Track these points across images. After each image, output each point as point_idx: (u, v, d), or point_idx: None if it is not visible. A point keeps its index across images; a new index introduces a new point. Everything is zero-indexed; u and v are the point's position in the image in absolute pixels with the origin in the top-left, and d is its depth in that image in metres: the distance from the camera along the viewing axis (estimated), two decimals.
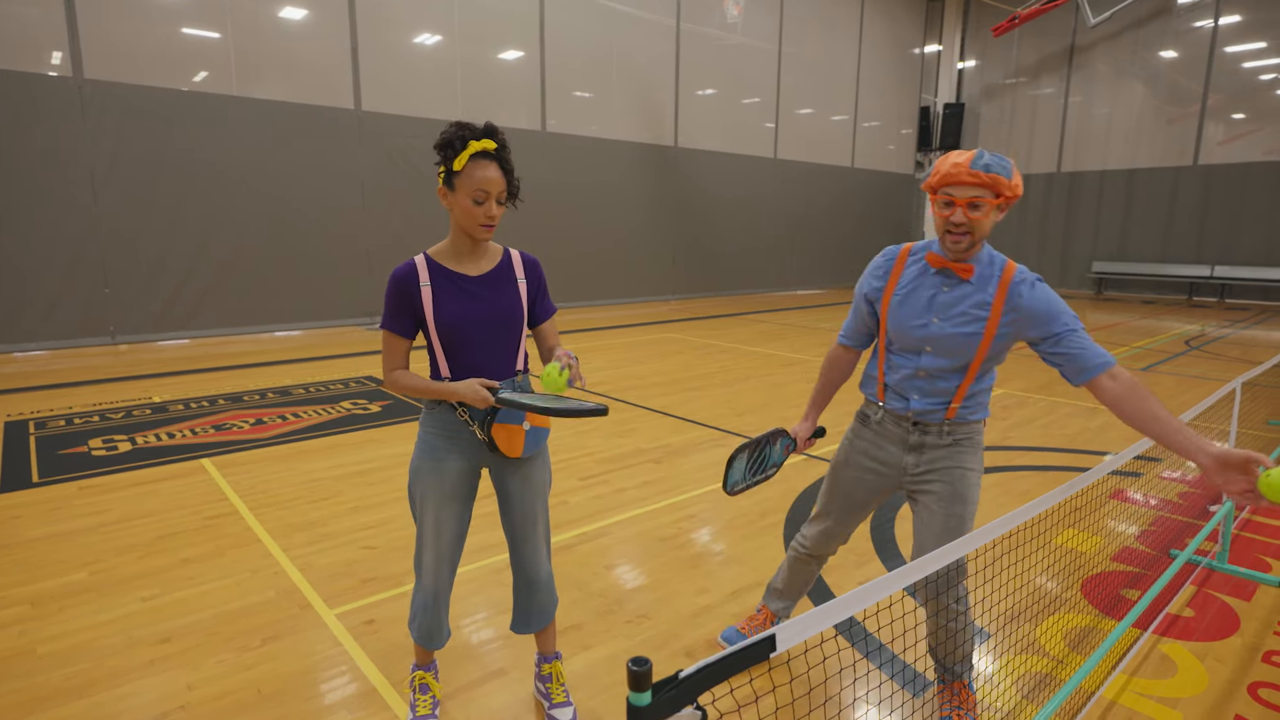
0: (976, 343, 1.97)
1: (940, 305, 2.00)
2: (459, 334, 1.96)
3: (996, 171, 1.84)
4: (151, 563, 3.23)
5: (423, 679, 2.24)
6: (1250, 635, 2.75)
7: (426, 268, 1.96)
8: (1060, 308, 1.92)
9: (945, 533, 2.08)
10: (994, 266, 1.98)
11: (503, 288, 2.02)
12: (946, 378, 2.03)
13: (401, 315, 1.96)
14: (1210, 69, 15.97)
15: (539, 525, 2.16)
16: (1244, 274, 15.64)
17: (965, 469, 2.08)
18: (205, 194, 9.18)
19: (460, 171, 1.87)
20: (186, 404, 6.08)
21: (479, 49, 11.51)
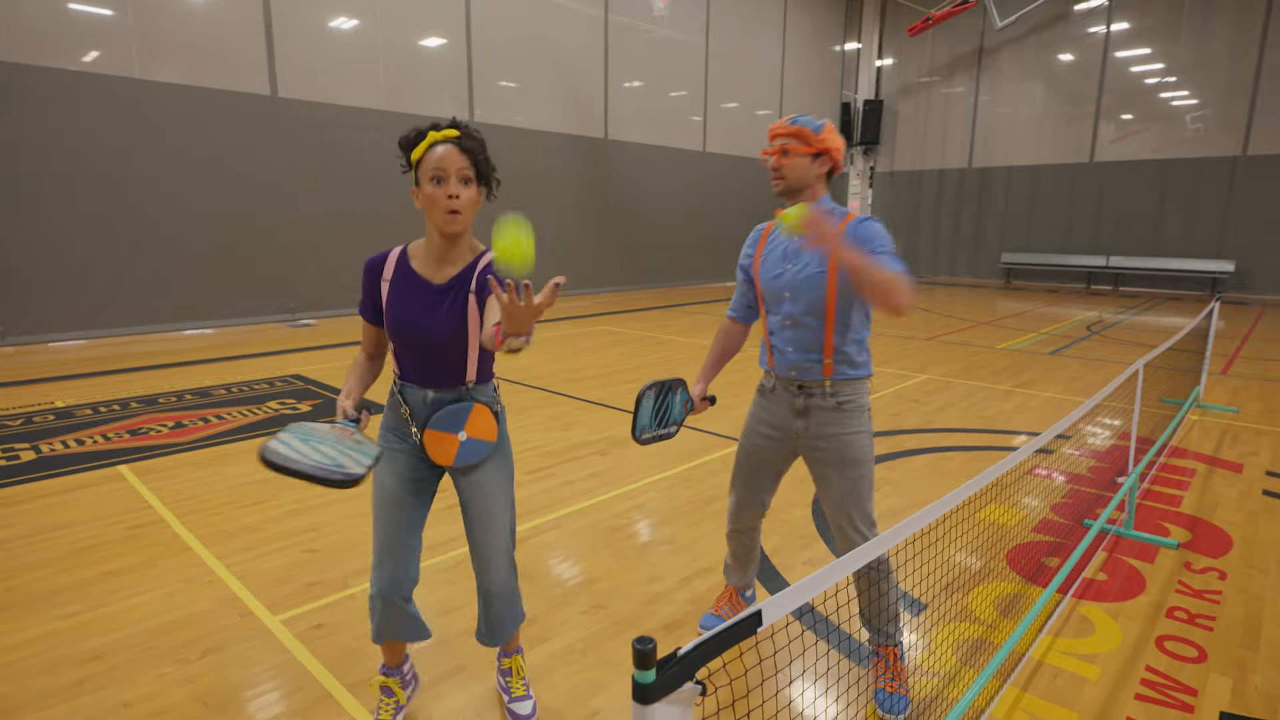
0: (823, 280, 2.14)
1: (790, 254, 2.22)
2: (405, 340, 1.91)
3: (803, 124, 2.15)
4: (70, 577, 3.03)
5: (384, 682, 2.16)
6: (1155, 594, 3.00)
7: (395, 264, 1.92)
8: (883, 237, 2.09)
9: (844, 496, 2.25)
10: (836, 214, 2.18)
11: (453, 300, 1.89)
12: (808, 322, 2.19)
13: (367, 303, 1.96)
14: (1104, 72, 17.11)
15: (491, 534, 2.05)
16: (1135, 263, 16.88)
17: (852, 433, 2.23)
18: (104, 183, 8.57)
19: (419, 160, 1.83)
20: (95, 408, 5.69)
21: (402, 34, 11.17)
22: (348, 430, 1.79)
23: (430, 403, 1.94)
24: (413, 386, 1.96)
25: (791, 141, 2.15)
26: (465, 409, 1.93)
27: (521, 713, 2.18)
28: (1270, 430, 5.43)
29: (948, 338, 9.78)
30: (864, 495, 2.25)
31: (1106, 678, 2.44)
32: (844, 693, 2.36)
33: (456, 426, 1.92)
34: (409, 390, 1.97)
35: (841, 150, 2.19)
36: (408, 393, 1.97)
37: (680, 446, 4.89)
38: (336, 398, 1.90)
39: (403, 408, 1.97)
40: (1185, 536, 3.55)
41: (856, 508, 2.24)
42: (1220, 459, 4.75)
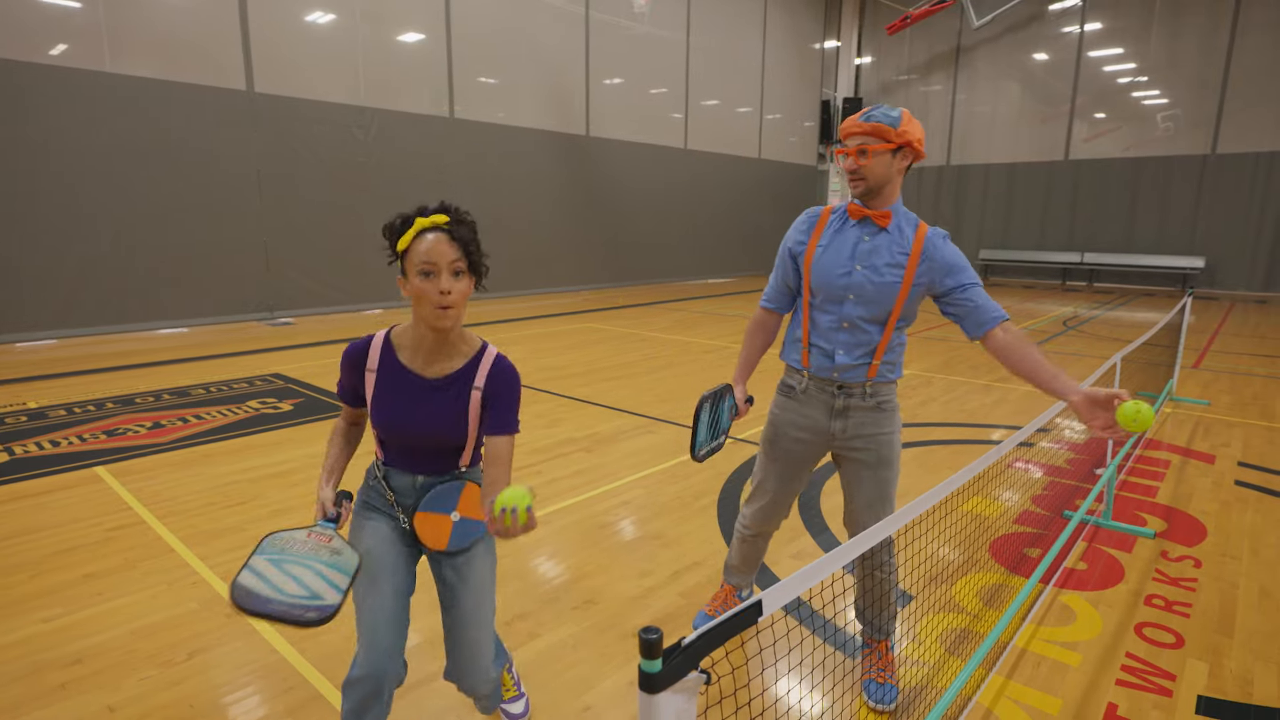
0: (896, 290, 2.07)
1: (862, 253, 2.10)
2: (392, 434, 1.77)
3: (878, 119, 2.01)
4: (49, 580, 2.98)
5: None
6: (1134, 582, 3.07)
7: (379, 354, 1.76)
8: (966, 263, 2.09)
9: (877, 498, 2.23)
10: (910, 220, 2.12)
11: (451, 400, 1.75)
12: (868, 329, 2.11)
13: (348, 388, 1.82)
14: (1078, 72, 17.38)
15: (476, 628, 1.83)
16: (1108, 260, 17.18)
17: (889, 434, 2.21)
18: (74, 179, 8.38)
19: (406, 250, 1.65)
20: (69, 409, 5.59)
21: (381, 29, 11.05)
22: (325, 536, 1.66)
23: (419, 487, 1.81)
24: (399, 473, 1.82)
25: (870, 140, 2.01)
26: (457, 488, 1.79)
27: (514, 712, 2.17)
28: (1240, 422, 5.57)
29: (928, 333, 9.90)
30: (893, 497, 2.26)
31: (1088, 664, 2.49)
32: (838, 682, 2.39)
33: (449, 506, 1.79)
34: (394, 474, 1.82)
35: (923, 139, 2.08)
36: (393, 477, 1.82)
37: (665, 442, 4.91)
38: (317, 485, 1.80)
39: (387, 492, 1.82)
40: (1161, 526, 3.63)
41: (887, 509, 2.25)
42: (1193, 450, 4.86)
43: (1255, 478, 4.35)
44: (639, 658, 0.82)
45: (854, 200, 2.15)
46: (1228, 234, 15.80)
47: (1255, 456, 4.74)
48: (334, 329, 9.60)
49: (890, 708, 2.25)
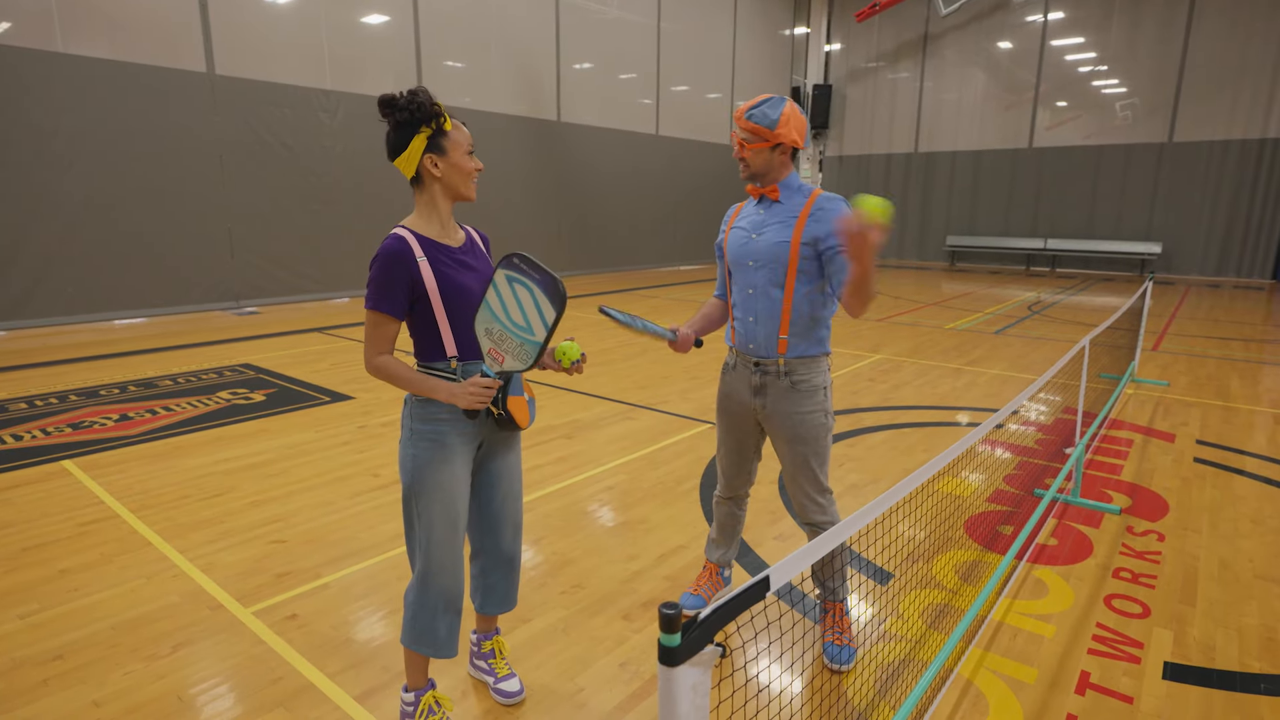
0: (787, 250, 2.22)
1: (757, 223, 2.31)
2: (466, 305, 1.88)
3: (756, 121, 2.20)
4: (22, 577, 2.91)
5: (433, 699, 2.05)
6: (1102, 556, 3.19)
7: (416, 242, 1.85)
8: None
9: (799, 472, 2.38)
10: (803, 191, 2.27)
11: (482, 259, 2.02)
12: (772, 292, 2.26)
13: (397, 293, 1.82)
14: (1041, 60, 17.69)
15: (517, 502, 2.13)
16: (1070, 246, 17.60)
17: (805, 414, 2.32)
18: (24, 165, 8.07)
19: (451, 130, 1.86)
20: (30, 402, 5.42)
21: (346, 10, 10.80)
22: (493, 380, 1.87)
23: (489, 373, 1.86)
24: (474, 362, 1.92)
25: (750, 138, 2.23)
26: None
27: (510, 689, 2.20)
28: (1198, 402, 5.78)
29: (898, 319, 10.06)
30: (815, 468, 2.37)
31: (1061, 635, 2.59)
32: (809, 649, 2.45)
33: (521, 388, 1.95)
34: (471, 367, 1.91)
35: (802, 132, 2.22)
36: (470, 371, 1.91)
37: (645, 429, 4.94)
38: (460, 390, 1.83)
39: None
40: (1126, 502, 3.77)
41: (808, 479, 2.38)
42: (1154, 430, 5.04)
43: (1212, 455, 4.53)
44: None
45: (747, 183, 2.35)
46: (1183, 220, 16.29)
47: (1212, 435, 4.93)
48: (302, 318, 9.42)
49: (848, 667, 2.37)
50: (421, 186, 1.90)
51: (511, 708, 2.18)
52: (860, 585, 2.96)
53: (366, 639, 2.51)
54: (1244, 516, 3.61)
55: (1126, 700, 2.25)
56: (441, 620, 1.96)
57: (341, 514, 3.53)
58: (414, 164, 1.85)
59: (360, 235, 10.90)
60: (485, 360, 1.86)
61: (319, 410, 5.31)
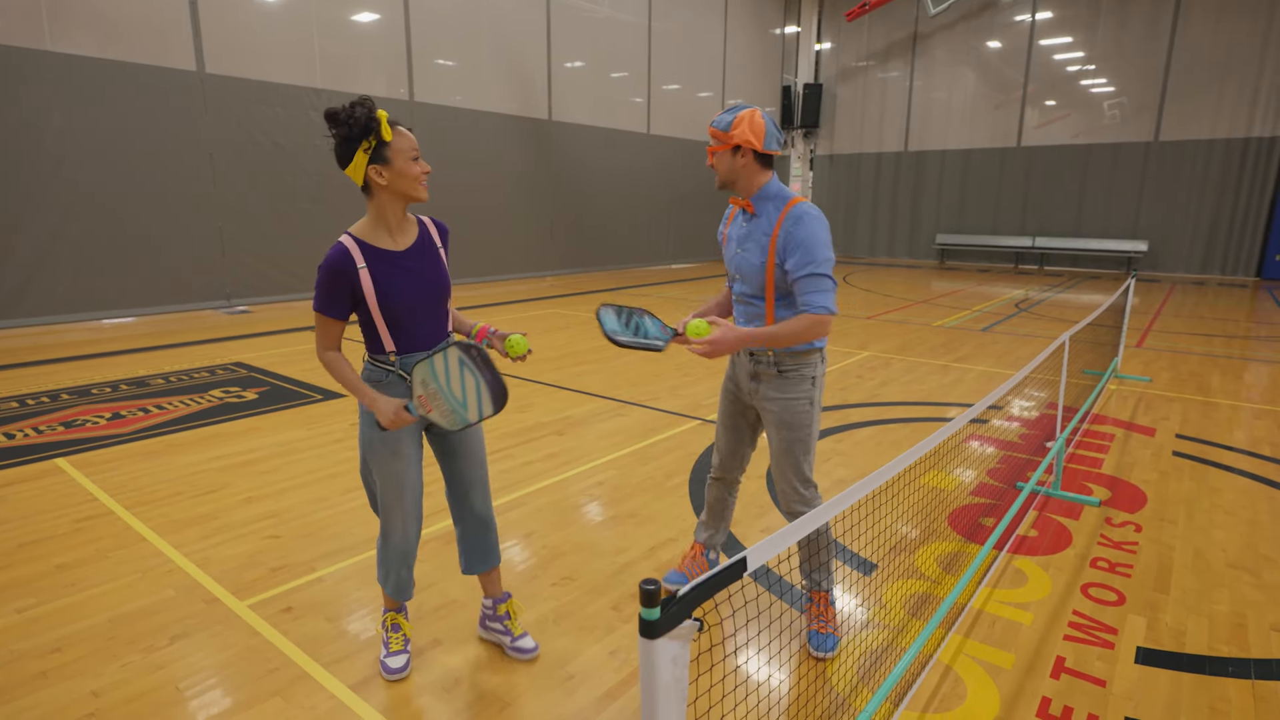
0: (764, 269, 2.33)
1: (741, 238, 2.42)
2: (401, 310, 2.03)
3: (715, 126, 2.34)
4: (18, 573, 2.94)
5: (394, 619, 2.35)
6: (1080, 546, 3.27)
7: (359, 250, 1.98)
8: (815, 248, 2.22)
9: (782, 453, 2.48)
10: (779, 202, 2.33)
11: (430, 258, 2.12)
12: (753, 302, 2.42)
13: (338, 300, 1.99)
14: (1029, 60, 17.84)
15: (478, 466, 2.33)
16: (1058, 244, 17.77)
17: (792, 399, 2.42)
18: (16, 164, 8.05)
19: (391, 140, 1.96)
20: (22, 400, 5.43)
21: (337, 8, 10.80)
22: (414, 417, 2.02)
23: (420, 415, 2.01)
24: (412, 354, 2.09)
25: (711, 142, 2.35)
26: None
27: (526, 646, 2.40)
28: (1179, 397, 5.89)
29: (887, 316, 10.15)
30: (799, 455, 2.46)
31: (1039, 622, 2.66)
32: (795, 636, 2.52)
33: None
34: (409, 360, 2.08)
35: (759, 134, 2.27)
36: (408, 363, 2.08)
37: (636, 425, 5.00)
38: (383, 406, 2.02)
39: (408, 379, 2.06)
40: (1106, 495, 3.86)
41: (791, 465, 2.47)
42: (1135, 424, 5.14)
43: (1191, 448, 4.63)
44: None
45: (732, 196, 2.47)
46: (1169, 219, 16.47)
47: (1192, 429, 5.03)
48: (293, 317, 9.43)
49: (831, 655, 2.45)
50: (371, 194, 2.01)
51: (504, 693, 2.24)
52: (844, 576, 3.03)
53: (360, 630, 2.56)
54: (1219, 508, 3.70)
55: (1099, 683, 2.32)
56: (396, 570, 2.27)
57: (335, 509, 3.58)
58: (360, 174, 1.97)
59: None
60: (413, 401, 1.95)
61: (311, 408, 5.34)
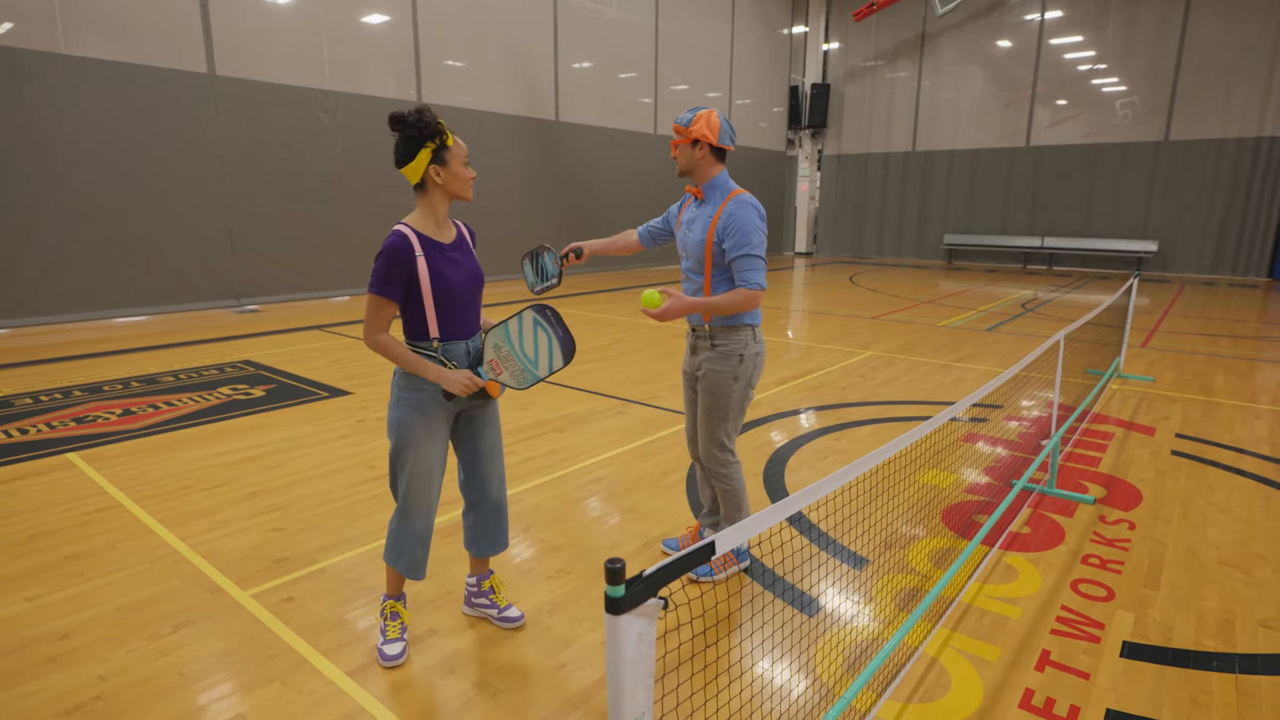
0: (703, 247, 2.67)
1: (688, 221, 2.80)
2: (449, 296, 2.22)
3: (677, 122, 2.69)
4: (29, 562, 3.02)
5: (394, 607, 2.45)
6: (1073, 543, 3.29)
7: (415, 237, 2.18)
8: (749, 234, 2.58)
9: (704, 415, 2.82)
10: (724, 191, 2.70)
11: (468, 253, 2.35)
12: (693, 277, 2.76)
13: (395, 283, 2.15)
14: (1039, 59, 17.76)
15: (499, 459, 2.51)
16: (1067, 244, 17.68)
17: (719, 373, 2.74)
18: (30, 165, 8.19)
19: (451, 145, 2.19)
20: (35, 397, 5.54)
21: (346, 10, 10.90)
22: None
23: (472, 351, 2.32)
24: (454, 342, 2.27)
25: (674, 136, 2.71)
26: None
27: (513, 615, 2.59)
28: (1181, 397, 5.88)
29: (892, 316, 10.16)
30: (716, 421, 2.79)
31: (1027, 616, 2.69)
32: (786, 623, 2.56)
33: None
34: (451, 347, 2.27)
35: (714, 129, 2.63)
36: (450, 349, 2.27)
37: (636, 423, 5.05)
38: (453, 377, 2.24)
39: (449, 364, 2.25)
40: (1101, 493, 3.87)
41: (708, 430, 2.82)
42: (1136, 423, 5.14)
43: (1190, 447, 4.63)
44: None
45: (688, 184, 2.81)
46: (1179, 218, 16.36)
47: (1192, 428, 5.03)
48: (302, 316, 9.54)
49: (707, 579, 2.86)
50: (424, 191, 2.23)
51: (497, 680, 2.29)
52: (834, 569, 3.06)
53: (358, 620, 2.62)
54: (1214, 506, 3.72)
55: (1083, 676, 2.35)
56: (412, 550, 2.37)
57: (338, 504, 3.64)
58: (419, 173, 2.18)
59: (358, 234, 11.02)
60: (484, 366, 2.28)
61: (317, 405, 5.42)
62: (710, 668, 2.33)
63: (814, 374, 6.58)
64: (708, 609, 2.72)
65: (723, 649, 2.49)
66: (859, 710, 2.15)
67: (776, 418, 5.22)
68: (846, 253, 21.58)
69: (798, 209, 22.18)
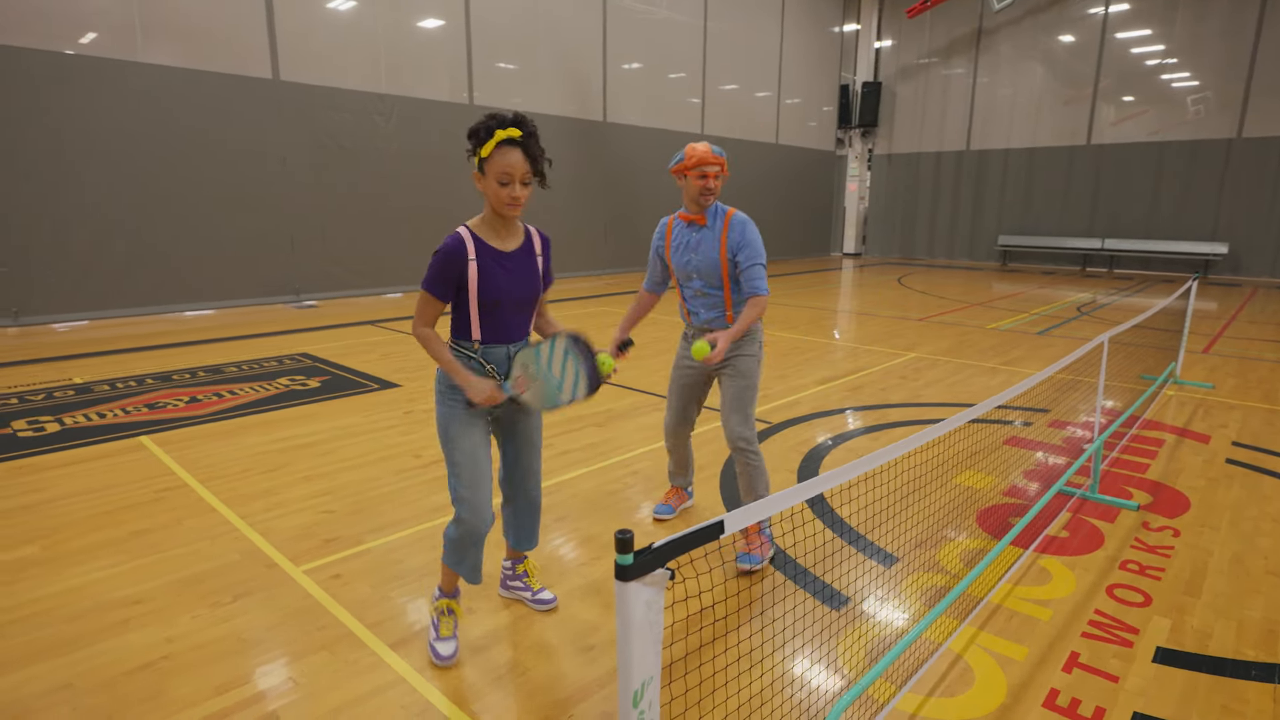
0: (718, 263, 2.98)
1: (692, 245, 3.04)
2: (495, 305, 2.23)
3: (717, 153, 2.96)
4: (105, 535, 3.27)
5: (449, 604, 2.46)
6: (1112, 549, 3.24)
7: (472, 242, 2.20)
8: (756, 246, 2.96)
9: (736, 398, 3.04)
10: (719, 214, 3.03)
11: (528, 264, 2.32)
12: (711, 292, 3.04)
13: (446, 283, 2.19)
14: (1101, 54, 17.16)
15: (537, 455, 2.56)
16: (1129, 246, 17.03)
17: (749, 355, 3.05)
18: (111, 167, 8.73)
19: (488, 158, 2.13)
20: (112, 384, 5.92)
21: (401, 16, 11.26)
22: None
23: (512, 355, 2.31)
24: (494, 345, 2.28)
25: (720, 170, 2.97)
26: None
27: (546, 598, 2.71)
28: (1241, 404, 5.66)
29: (940, 318, 9.99)
30: (749, 402, 3.04)
31: (1058, 619, 2.67)
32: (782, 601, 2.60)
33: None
34: (491, 350, 2.28)
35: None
36: (490, 353, 2.28)
37: None
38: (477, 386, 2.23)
39: (488, 366, 2.28)
40: (1146, 500, 3.78)
41: (740, 410, 3.03)
42: (1190, 431, 4.98)
43: (1247, 456, 4.47)
44: None
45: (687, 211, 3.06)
46: (1251, 219, 15.61)
47: (1250, 436, 4.85)
48: (356, 312, 9.90)
49: (758, 567, 2.96)
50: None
51: (528, 660, 2.40)
52: (860, 564, 3.09)
53: (401, 597, 2.77)
54: (1267, 516, 3.60)
55: (1112, 679, 2.33)
56: (470, 553, 2.38)
57: (385, 489, 3.82)
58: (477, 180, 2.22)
59: (411, 234, 11.37)
60: (510, 381, 2.28)
61: (368, 396, 5.66)
62: (732, 650, 2.39)
63: (855, 374, 6.54)
64: (730, 595, 2.78)
65: (743, 635, 2.54)
66: (877, 701, 2.19)
67: (814, 417, 5.23)
68: (896, 254, 21.21)
69: (846, 209, 21.90)
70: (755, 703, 2.16)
